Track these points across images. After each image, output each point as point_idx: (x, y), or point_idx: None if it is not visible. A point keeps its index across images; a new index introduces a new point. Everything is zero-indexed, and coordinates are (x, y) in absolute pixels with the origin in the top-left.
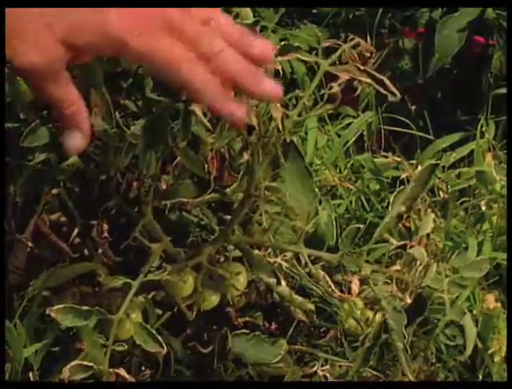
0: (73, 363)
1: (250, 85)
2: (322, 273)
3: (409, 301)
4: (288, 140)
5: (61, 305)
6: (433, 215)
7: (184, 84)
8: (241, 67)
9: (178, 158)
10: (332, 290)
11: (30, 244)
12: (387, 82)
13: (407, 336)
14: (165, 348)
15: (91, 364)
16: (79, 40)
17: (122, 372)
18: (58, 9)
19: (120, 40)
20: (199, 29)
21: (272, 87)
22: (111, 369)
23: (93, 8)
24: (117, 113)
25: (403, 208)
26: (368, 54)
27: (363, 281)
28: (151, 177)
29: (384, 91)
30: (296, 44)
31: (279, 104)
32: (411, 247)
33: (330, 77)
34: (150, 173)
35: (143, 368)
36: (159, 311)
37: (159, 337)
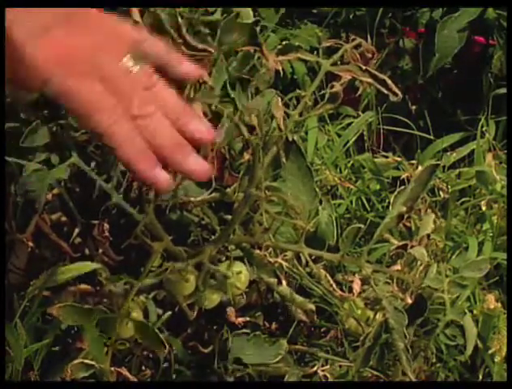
0: (75, 362)
1: (172, 158)
2: (324, 272)
3: (410, 301)
4: (290, 139)
5: (62, 304)
6: (433, 216)
7: (102, 135)
8: (167, 137)
9: None
10: (333, 289)
11: (31, 244)
12: (389, 82)
13: (408, 336)
14: (167, 346)
15: (92, 362)
16: (8, 67)
17: (124, 371)
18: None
19: (45, 74)
20: (134, 90)
21: (195, 166)
22: (112, 368)
23: (36, 31)
24: None
25: (404, 208)
26: (369, 55)
27: (364, 281)
28: None
29: (386, 91)
30: (296, 43)
31: (280, 103)
32: (411, 247)
33: (331, 77)
34: None
35: (144, 368)
36: (159, 310)
37: (160, 336)
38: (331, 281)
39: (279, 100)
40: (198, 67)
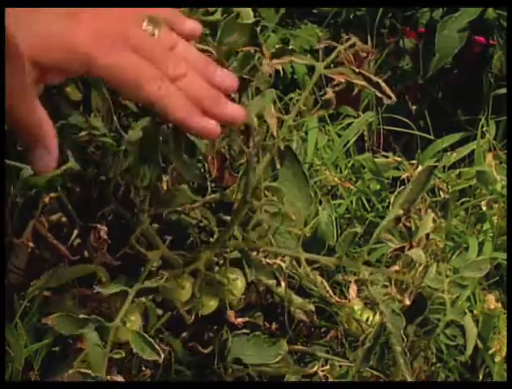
0: (71, 371)
1: (213, 107)
2: (320, 279)
3: (408, 302)
4: (283, 147)
5: (58, 314)
6: (432, 215)
7: (152, 102)
8: (205, 92)
9: None
10: (330, 295)
11: (31, 244)
12: (383, 84)
13: (405, 339)
14: (162, 355)
15: (89, 371)
16: (45, 57)
17: (119, 378)
18: (24, 22)
19: (86, 55)
20: (165, 52)
21: (235, 110)
22: (109, 377)
23: (62, 25)
24: (116, 115)
25: (403, 209)
26: (364, 54)
27: (362, 283)
28: (145, 188)
29: (379, 94)
30: (290, 47)
31: (273, 110)
32: (410, 248)
33: (331, 77)
34: (144, 184)
35: (143, 368)
36: (159, 311)
37: (156, 345)
38: (327, 287)
39: (273, 106)
40: (199, 24)
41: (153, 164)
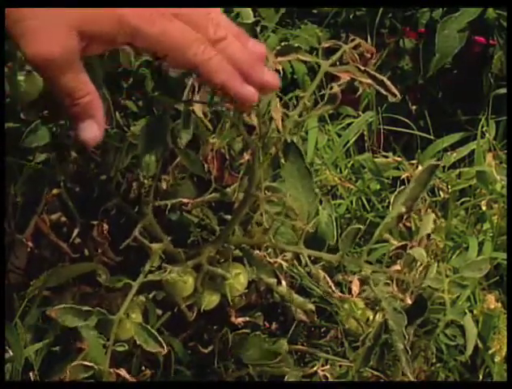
0: (74, 363)
1: (253, 72)
2: (323, 274)
3: (409, 301)
4: (289, 140)
5: (61, 306)
6: (433, 216)
7: (198, 65)
8: (244, 55)
9: (178, 158)
10: (332, 291)
11: (30, 244)
12: (388, 82)
13: (407, 337)
14: (166, 348)
15: (91, 364)
16: (93, 27)
17: (123, 372)
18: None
19: (134, 25)
20: (204, 16)
21: (272, 77)
22: (111, 370)
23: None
24: (117, 113)
25: (404, 209)
26: (368, 55)
27: (363, 281)
28: (150, 178)
29: (384, 92)
30: (296, 44)
31: (278, 105)
32: (411, 248)
33: (331, 77)
34: (149, 174)
35: (144, 368)
36: (159, 311)
37: (159, 337)
38: (330, 283)
39: (278, 101)
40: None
41: (159, 153)
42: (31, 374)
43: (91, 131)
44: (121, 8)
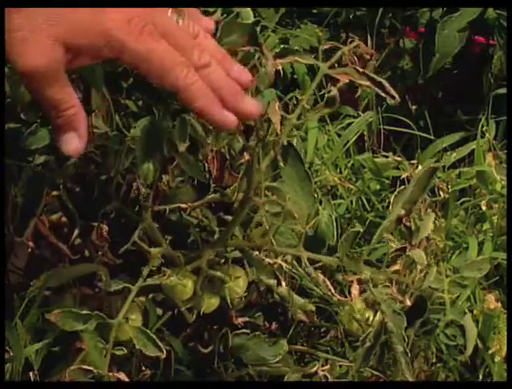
0: (73, 367)
1: (233, 101)
2: (322, 277)
3: (409, 303)
4: (286, 143)
5: (61, 310)
6: (433, 216)
7: (178, 89)
8: (226, 83)
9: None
10: (332, 294)
11: (31, 244)
12: (387, 85)
13: (406, 339)
14: (165, 351)
15: (90, 368)
16: (78, 40)
17: (122, 376)
18: (57, 9)
19: (119, 41)
20: (190, 40)
21: (252, 105)
22: (111, 373)
23: (92, 9)
24: (117, 115)
25: (403, 211)
26: (368, 56)
27: (363, 282)
28: (148, 186)
29: (383, 95)
30: (295, 47)
31: (277, 107)
32: (410, 249)
33: (331, 77)
34: (148, 182)
35: (144, 368)
36: (159, 311)
37: (158, 341)
38: (330, 286)
39: (277, 103)
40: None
41: (157, 161)
42: (31, 374)
43: (72, 144)
44: (108, 20)
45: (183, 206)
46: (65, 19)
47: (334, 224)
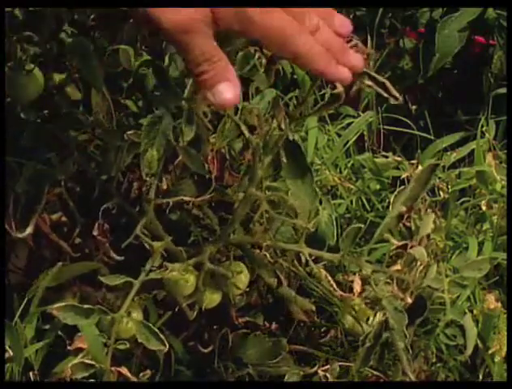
0: (75, 361)
1: (342, 57)
2: (324, 272)
3: (410, 301)
4: (291, 138)
5: (63, 304)
6: (433, 216)
7: (300, 55)
8: (336, 41)
9: (179, 157)
10: (334, 289)
11: (31, 243)
12: (388, 84)
13: (408, 336)
14: (167, 345)
15: (92, 362)
16: (216, 13)
17: (124, 370)
18: None
19: (250, 16)
20: (299, 9)
21: (358, 60)
22: (113, 368)
23: None
24: (117, 113)
25: (404, 209)
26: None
27: (364, 281)
28: (152, 176)
29: (385, 95)
30: None
31: (281, 103)
32: (411, 247)
33: None
34: (151, 171)
35: (144, 368)
36: (159, 311)
37: (161, 335)
38: (332, 281)
39: (280, 100)
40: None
41: (161, 150)
42: (31, 373)
43: (230, 92)
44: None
45: (186, 199)
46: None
47: (335, 223)
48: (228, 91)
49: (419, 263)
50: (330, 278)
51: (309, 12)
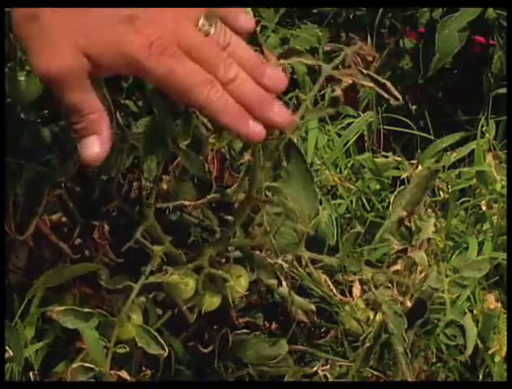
0: (74, 365)
1: (260, 112)
2: (324, 276)
3: (409, 304)
4: (293, 140)
5: (62, 307)
6: (433, 219)
7: (201, 106)
8: (253, 94)
9: (179, 159)
10: (333, 293)
11: (31, 244)
12: (390, 86)
13: (407, 340)
14: (167, 349)
15: (92, 366)
16: (100, 57)
17: (124, 374)
18: (83, 20)
19: (138, 64)
20: (217, 54)
21: (281, 116)
22: (112, 372)
23: (116, 28)
24: (117, 114)
25: (404, 213)
26: (370, 58)
27: (364, 283)
28: (152, 181)
29: (386, 96)
30: (298, 47)
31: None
32: (411, 251)
33: (331, 77)
34: (151, 177)
35: (144, 368)
36: (159, 311)
37: (160, 339)
38: (331, 285)
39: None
40: (252, 20)
41: (161, 154)
42: (31, 373)
43: (94, 148)
44: (129, 45)
45: (186, 203)
46: (88, 33)
47: (335, 224)
48: (95, 145)
49: (419, 267)
50: (329, 282)
51: (228, 62)
